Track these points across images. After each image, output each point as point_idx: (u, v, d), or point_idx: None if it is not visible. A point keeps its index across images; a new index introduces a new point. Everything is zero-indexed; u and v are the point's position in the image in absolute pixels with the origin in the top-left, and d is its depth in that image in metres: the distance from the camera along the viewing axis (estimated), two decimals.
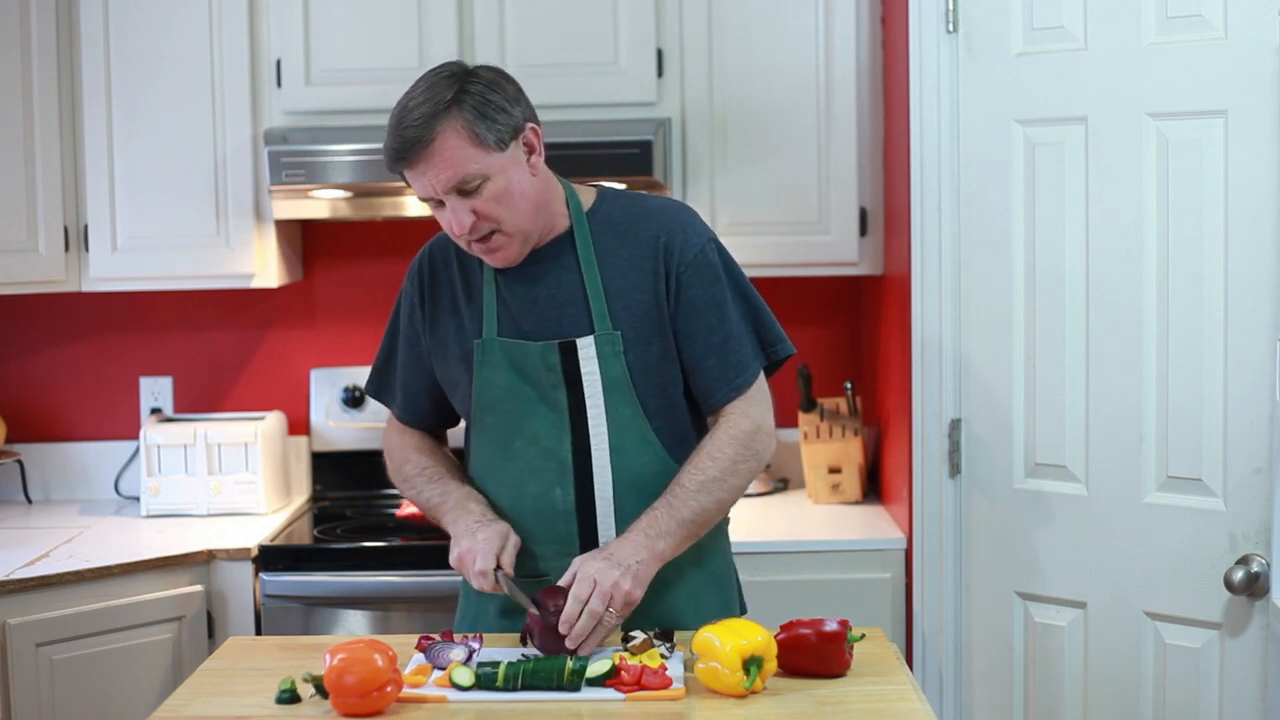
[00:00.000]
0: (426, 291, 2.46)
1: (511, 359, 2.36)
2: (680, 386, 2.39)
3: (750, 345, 2.39)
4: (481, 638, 2.25)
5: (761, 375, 2.41)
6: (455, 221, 2.27)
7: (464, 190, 2.25)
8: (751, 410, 2.38)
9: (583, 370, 2.34)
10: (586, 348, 2.34)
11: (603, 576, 2.19)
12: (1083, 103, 2.76)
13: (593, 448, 2.35)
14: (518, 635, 2.28)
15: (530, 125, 2.31)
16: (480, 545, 2.27)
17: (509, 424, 2.37)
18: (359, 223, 3.79)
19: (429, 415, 2.53)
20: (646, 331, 2.35)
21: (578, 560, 2.25)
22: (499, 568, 2.27)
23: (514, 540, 2.31)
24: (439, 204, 2.28)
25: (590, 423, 2.35)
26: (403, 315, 2.50)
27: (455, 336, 2.42)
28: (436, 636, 2.25)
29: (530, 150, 2.31)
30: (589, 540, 2.35)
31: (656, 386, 2.37)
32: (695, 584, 2.41)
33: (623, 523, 2.34)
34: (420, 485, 2.47)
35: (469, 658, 2.17)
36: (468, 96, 2.25)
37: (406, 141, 2.23)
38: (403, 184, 3.35)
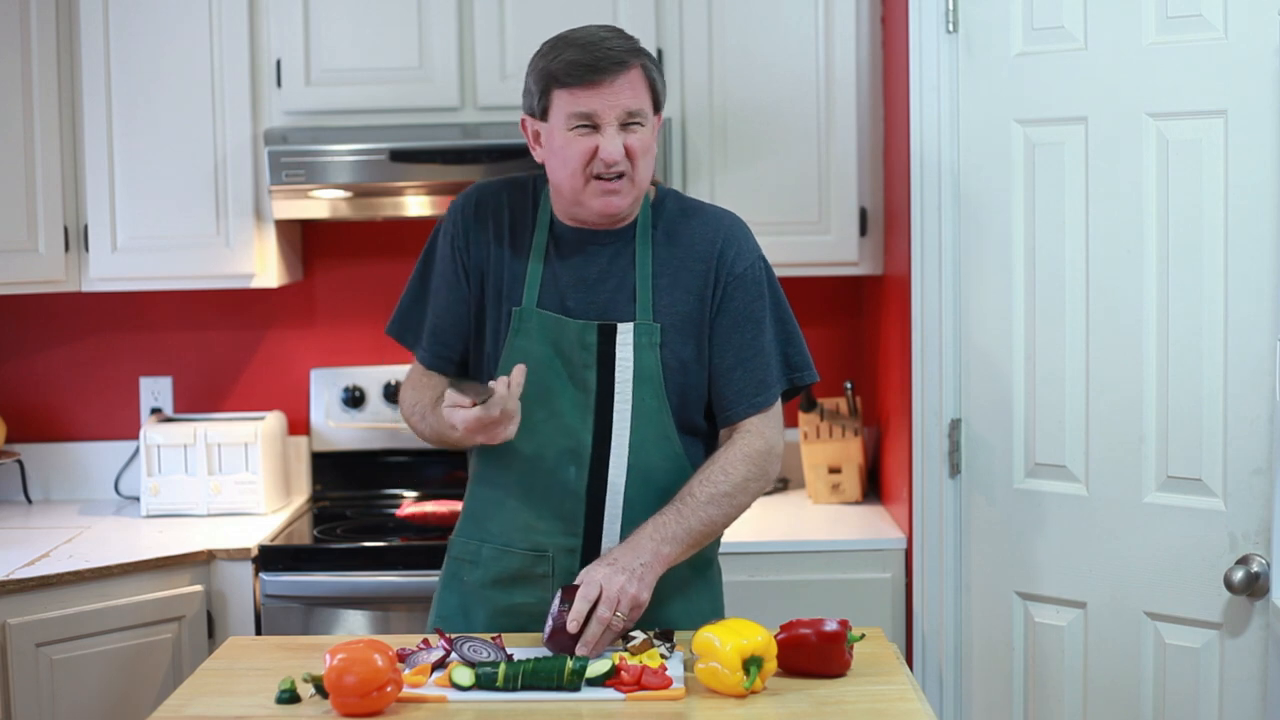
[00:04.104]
0: (473, 232, 2.44)
1: (548, 332, 2.37)
2: (706, 393, 2.42)
3: (777, 367, 2.42)
4: (447, 637, 2.23)
5: (779, 398, 2.44)
6: (609, 148, 2.29)
7: (628, 123, 2.30)
8: (766, 430, 2.40)
9: (617, 356, 2.36)
10: (625, 334, 2.35)
11: (608, 582, 2.21)
12: (1083, 103, 2.76)
13: (614, 433, 2.36)
14: (490, 634, 2.27)
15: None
16: (450, 407, 2.23)
17: (533, 396, 2.34)
18: (359, 223, 3.79)
19: (457, 361, 2.49)
20: (685, 333, 2.38)
21: (585, 569, 2.26)
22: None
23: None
24: (589, 129, 2.30)
25: (615, 408, 2.36)
26: (440, 254, 2.48)
27: (494, 292, 2.42)
28: (419, 644, 2.24)
29: (653, 130, 2.37)
30: (593, 523, 2.36)
31: (685, 387, 2.39)
32: (689, 584, 2.42)
33: (628, 511, 2.36)
34: (426, 414, 2.43)
35: (444, 659, 2.17)
36: (650, 57, 2.36)
37: (612, 59, 2.29)
38: (403, 184, 3.39)
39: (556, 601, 2.22)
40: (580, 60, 2.29)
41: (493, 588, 2.43)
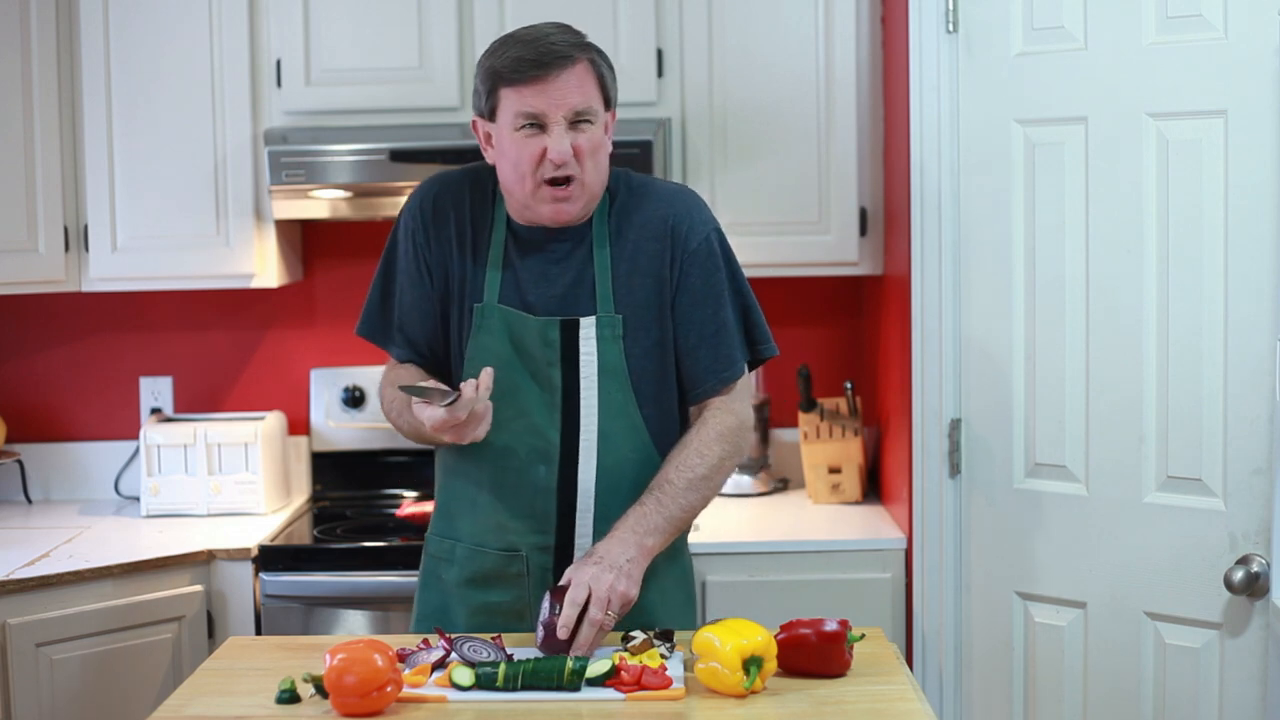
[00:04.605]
0: (432, 227, 2.42)
1: (510, 328, 2.35)
2: (674, 374, 2.40)
3: (740, 340, 2.41)
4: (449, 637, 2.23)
5: (746, 371, 2.43)
6: (557, 148, 2.26)
7: (577, 122, 2.28)
8: (735, 405, 2.40)
9: (581, 351, 2.34)
10: (587, 328, 2.34)
11: (597, 582, 2.19)
12: (1083, 103, 2.76)
13: (581, 429, 2.35)
14: (489, 635, 2.25)
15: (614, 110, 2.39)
16: (419, 410, 2.21)
17: (498, 394, 2.32)
18: (359, 223, 3.79)
19: (429, 355, 2.47)
20: (647, 317, 2.36)
21: (570, 568, 2.25)
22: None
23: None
24: (536, 129, 2.27)
25: (582, 404, 2.35)
26: (401, 251, 2.45)
27: (458, 287, 2.40)
28: (419, 644, 2.24)
29: (605, 129, 2.35)
30: (565, 520, 2.36)
31: (651, 373, 2.38)
32: (661, 570, 2.40)
33: (600, 506, 2.35)
34: (403, 411, 2.39)
35: (444, 658, 2.17)
36: (599, 52, 2.34)
37: (555, 54, 2.27)
38: (402, 184, 3.38)
39: (546, 606, 2.20)
40: (525, 56, 2.27)
41: (468, 586, 2.42)
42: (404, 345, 2.48)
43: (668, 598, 2.42)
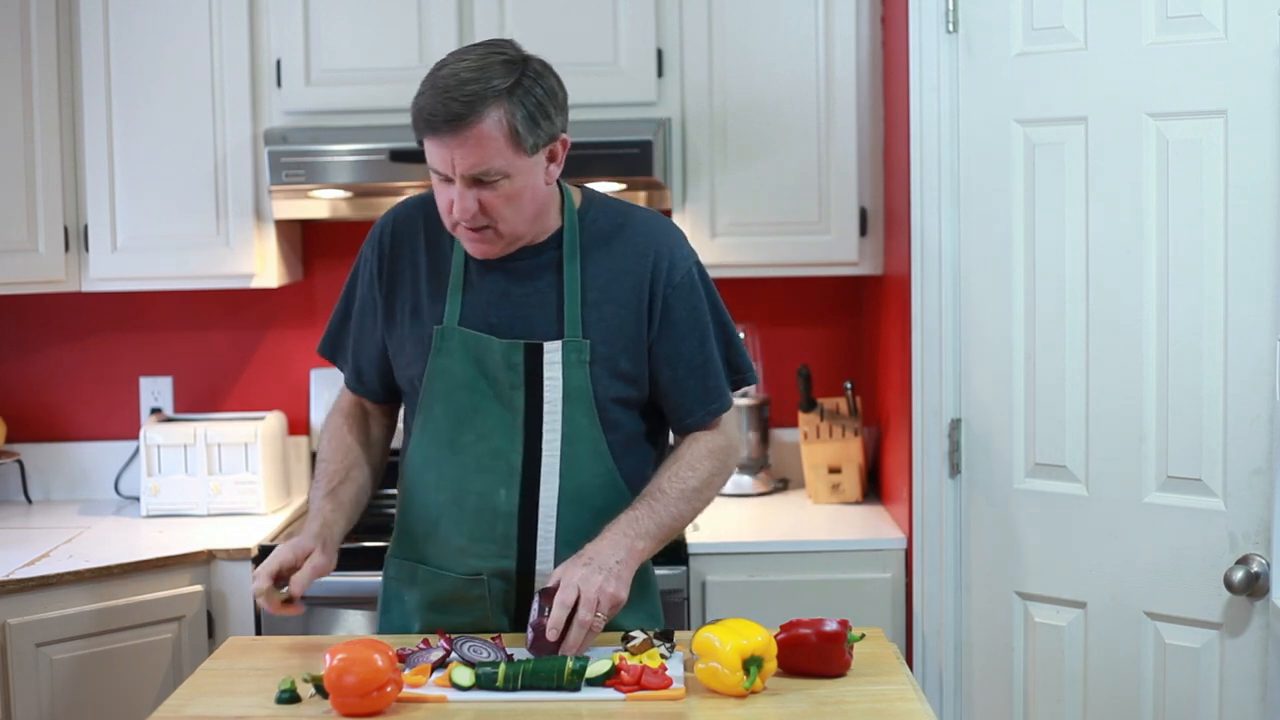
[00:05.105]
0: (387, 261, 2.40)
1: (471, 351, 2.32)
2: (641, 403, 2.38)
3: (725, 372, 2.40)
4: (449, 637, 2.23)
5: (732, 402, 2.44)
6: (458, 206, 2.20)
7: (480, 180, 2.19)
8: (727, 428, 2.42)
9: (545, 375, 2.30)
10: (553, 352, 2.30)
11: (586, 584, 2.17)
12: (1083, 103, 2.76)
13: (544, 453, 2.31)
14: (488, 635, 2.25)
15: (563, 136, 2.27)
16: (267, 560, 2.30)
17: (459, 417, 2.32)
18: (359, 223, 3.79)
19: (377, 390, 2.48)
20: (617, 345, 2.32)
21: (560, 568, 2.23)
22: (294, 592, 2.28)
23: (315, 564, 2.30)
24: (446, 180, 2.21)
25: (545, 428, 2.31)
26: (361, 282, 2.45)
27: (411, 317, 2.37)
28: (419, 644, 2.24)
29: (552, 159, 2.27)
30: (527, 545, 2.33)
31: (617, 400, 2.34)
32: (635, 591, 2.35)
33: (563, 531, 2.32)
34: (323, 454, 2.48)
35: (444, 658, 2.16)
36: (524, 94, 2.18)
37: (449, 114, 2.15)
38: (402, 184, 3.38)
39: (536, 607, 2.19)
40: (427, 109, 2.17)
41: (430, 610, 2.39)
42: (353, 370, 2.49)
43: (632, 618, 2.37)
